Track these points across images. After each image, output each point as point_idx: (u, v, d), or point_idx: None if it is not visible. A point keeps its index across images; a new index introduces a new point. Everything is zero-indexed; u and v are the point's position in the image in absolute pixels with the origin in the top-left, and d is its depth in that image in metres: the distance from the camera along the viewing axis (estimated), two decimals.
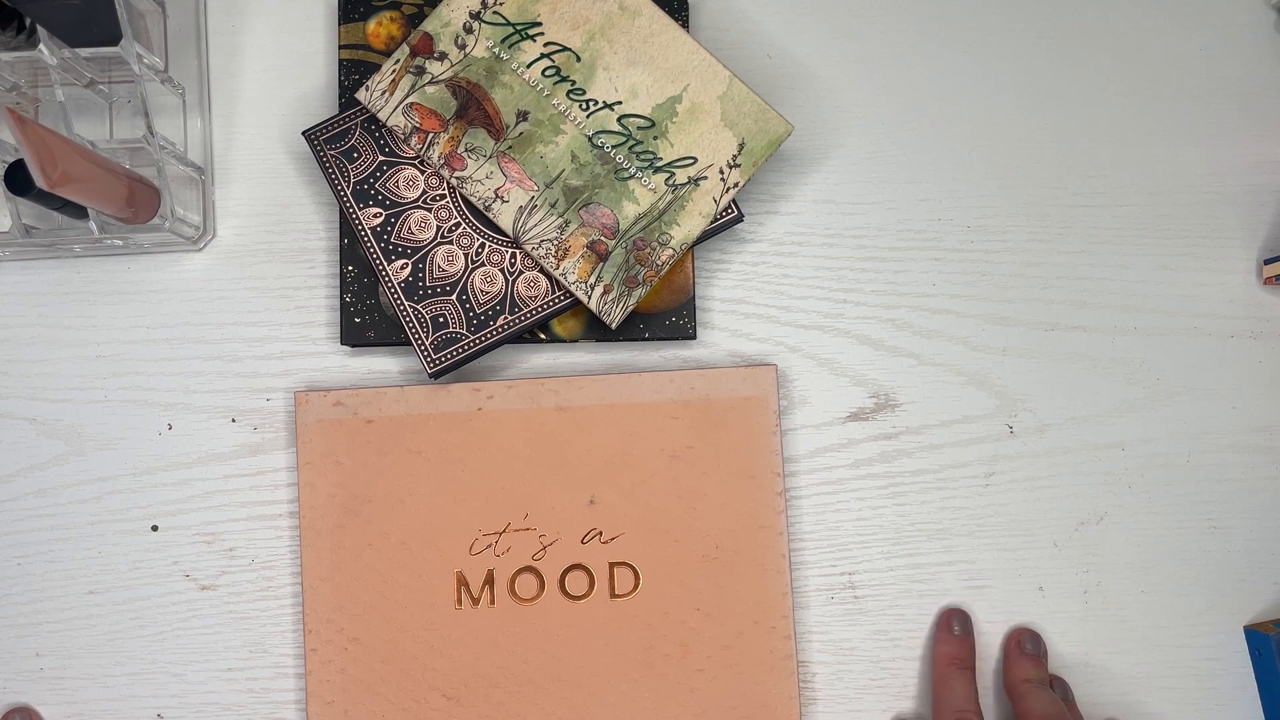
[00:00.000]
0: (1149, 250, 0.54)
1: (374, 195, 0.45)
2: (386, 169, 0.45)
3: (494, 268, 0.42)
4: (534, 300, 0.43)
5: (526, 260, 0.44)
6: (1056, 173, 0.54)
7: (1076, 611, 0.52)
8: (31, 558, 0.51)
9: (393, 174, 0.45)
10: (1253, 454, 0.53)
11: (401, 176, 0.45)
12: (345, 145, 0.45)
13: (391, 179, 0.45)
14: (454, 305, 0.43)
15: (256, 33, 0.54)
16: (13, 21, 0.47)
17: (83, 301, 0.52)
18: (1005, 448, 0.53)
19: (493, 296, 0.43)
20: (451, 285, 0.44)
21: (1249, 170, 0.54)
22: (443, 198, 0.44)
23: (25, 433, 0.52)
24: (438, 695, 0.49)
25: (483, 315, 0.43)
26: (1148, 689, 0.52)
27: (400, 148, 0.45)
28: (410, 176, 0.45)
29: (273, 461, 0.52)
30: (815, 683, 0.51)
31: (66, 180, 0.42)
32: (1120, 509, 0.53)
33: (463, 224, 0.43)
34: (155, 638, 0.51)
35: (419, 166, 0.44)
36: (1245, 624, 0.52)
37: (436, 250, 0.43)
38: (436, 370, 0.45)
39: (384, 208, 0.45)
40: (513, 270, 0.42)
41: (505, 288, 0.43)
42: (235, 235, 0.53)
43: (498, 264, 0.43)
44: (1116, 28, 0.55)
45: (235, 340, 0.52)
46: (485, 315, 0.43)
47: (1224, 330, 0.54)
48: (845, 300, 0.53)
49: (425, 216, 0.44)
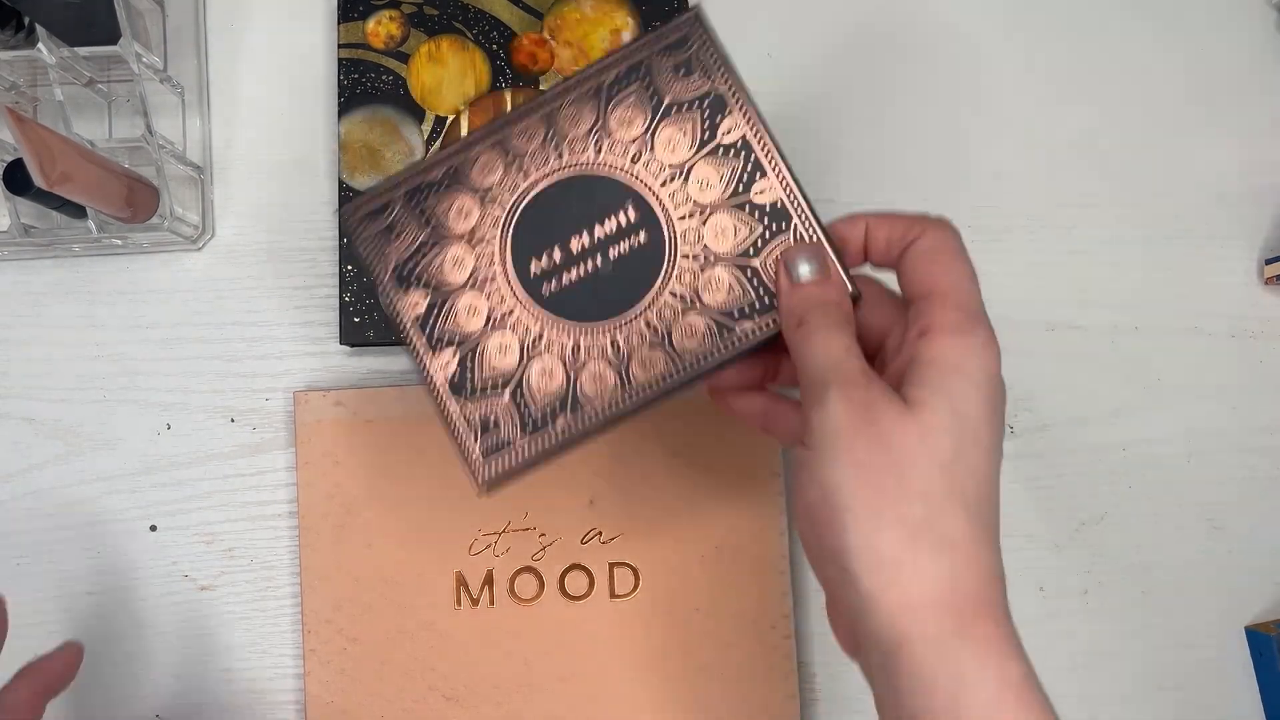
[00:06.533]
0: (1150, 250, 0.54)
1: (416, 278, 0.37)
2: (430, 247, 0.37)
3: (554, 358, 0.36)
4: (599, 398, 0.36)
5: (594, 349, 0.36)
6: (1057, 172, 0.54)
7: (1077, 612, 0.52)
8: (30, 558, 0.51)
9: (438, 252, 0.37)
10: (1254, 454, 0.53)
11: (448, 255, 0.37)
12: (384, 222, 0.38)
13: (437, 259, 0.37)
14: (507, 405, 0.36)
15: (256, 32, 0.54)
16: (11, 20, 0.47)
17: (81, 301, 0.52)
18: (1006, 447, 0.52)
19: (552, 395, 0.36)
20: (504, 380, 0.36)
21: (1250, 170, 0.54)
22: (494, 278, 0.37)
23: (23, 432, 0.51)
24: (437, 695, 0.49)
25: (539, 417, 0.36)
26: (1148, 689, 0.52)
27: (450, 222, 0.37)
28: (457, 256, 0.37)
29: (272, 461, 0.51)
30: (815, 683, 0.51)
31: (65, 179, 0.42)
32: (1121, 509, 0.53)
33: (517, 309, 0.36)
34: (154, 638, 0.51)
35: (469, 242, 0.37)
36: (1246, 624, 0.52)
37: (489, 339, 0.37)
38: (489, 483, 0.37)
39: (429, 290, 0.37)
40: (575, 362, 0.36)
41: (566, 384, 0.36)
42: (234, 235, 0.53)
43: (559, 354, 0.36)
44: (1117, 28, 0.55)
45: (234, 340, 0.52)
46: (543, 416, 0.36)
47: (1225, 330, 0.54)
48: None
49: (474, 301, 0.37)
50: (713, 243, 0.35)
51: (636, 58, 0.36)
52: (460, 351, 0.37)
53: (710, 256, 0.35)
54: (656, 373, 0.35)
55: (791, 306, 0.33)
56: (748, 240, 0.35)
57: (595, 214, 0.36)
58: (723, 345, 0.35)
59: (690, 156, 0.35)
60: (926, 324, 0.31)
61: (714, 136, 0.35)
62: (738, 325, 0.35)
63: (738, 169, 0.35)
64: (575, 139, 0.36)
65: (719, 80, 0.35)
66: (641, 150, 0.36)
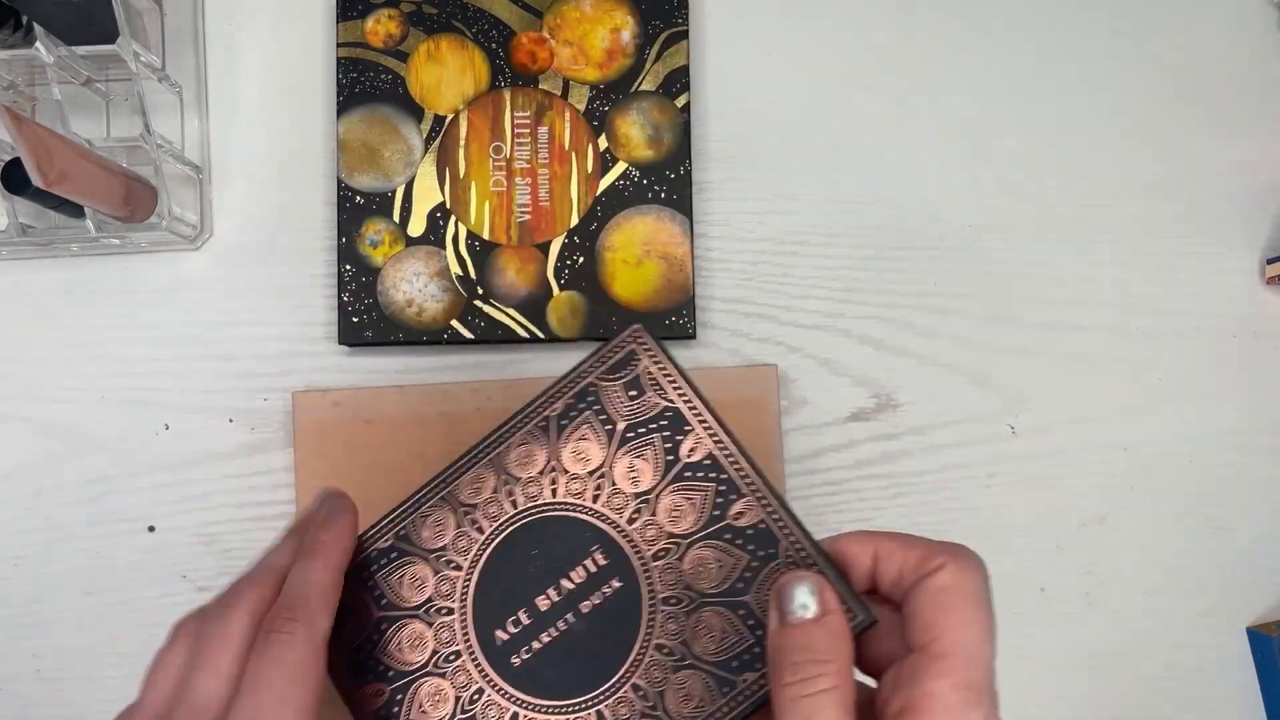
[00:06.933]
0: (1151, 250, 0.54)
1: (371, 666, 0.33)
2: (384, 626, 0.33)
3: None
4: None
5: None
6: (1058, 171, 0.54)
7: (1078, 612, 0.52)
8: (28, 558, 0.51)
9: (394, 632, 0.33)
10: (1255, 454, 0.53)
11: (404, 634, 0.33)
12: None
13: (393, 640, 0.33)
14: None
15: (254, 31, 0.54)
16: (9, 19, 0.47)
17: (79, 301, 0.52)
18: (1007, 448, 0.53)
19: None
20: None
21: (1250, 169, 0.54)
22: (458, 656, 0.32)
23: (21, 432, 0.51)
24: None
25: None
26: (1149, 690, 0.52)
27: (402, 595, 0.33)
28: (415, 633, 0.33)
29: (271, 462, 0.51)
30: None
31: (63, 179, 0.42)
32: (1122, 509, 0.52)
33: (487, 690, 0.31)
34: (153, 639, 0.50)
35: (425, 616, 0.33)
36: (1247, 625, 0.52)
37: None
38: None
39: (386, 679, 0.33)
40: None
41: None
42: (233, 234, 0.53)
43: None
44: (1117, 27, 0.55)
45: (233, 340, 0.52)
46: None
47: (1226, 330, 0.54)
48: (846, 300, 0.53)
49: (439, 685, 0.32)
50: (694, 580, 0.30)
51: (581, 384, 0.33)
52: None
53: (694, 597, 0.30)
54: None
55: (776, 651, 0.27)
56: (734, 572, 0.30)
57: (561, 565, 0.32)
58: (726, 705, 0.29)
59: (655, 484, 0.31)
60: (919, 700, 0.26)
61: (677, 459, 0.31)
62: (739, 678, 0.29)
63: (709, 492, 0.31)
64: (529, 480, 0.33)
65: (673, 395, 0.32)
66: (601, 485, 0.32)
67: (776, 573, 0.30)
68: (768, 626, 0.28)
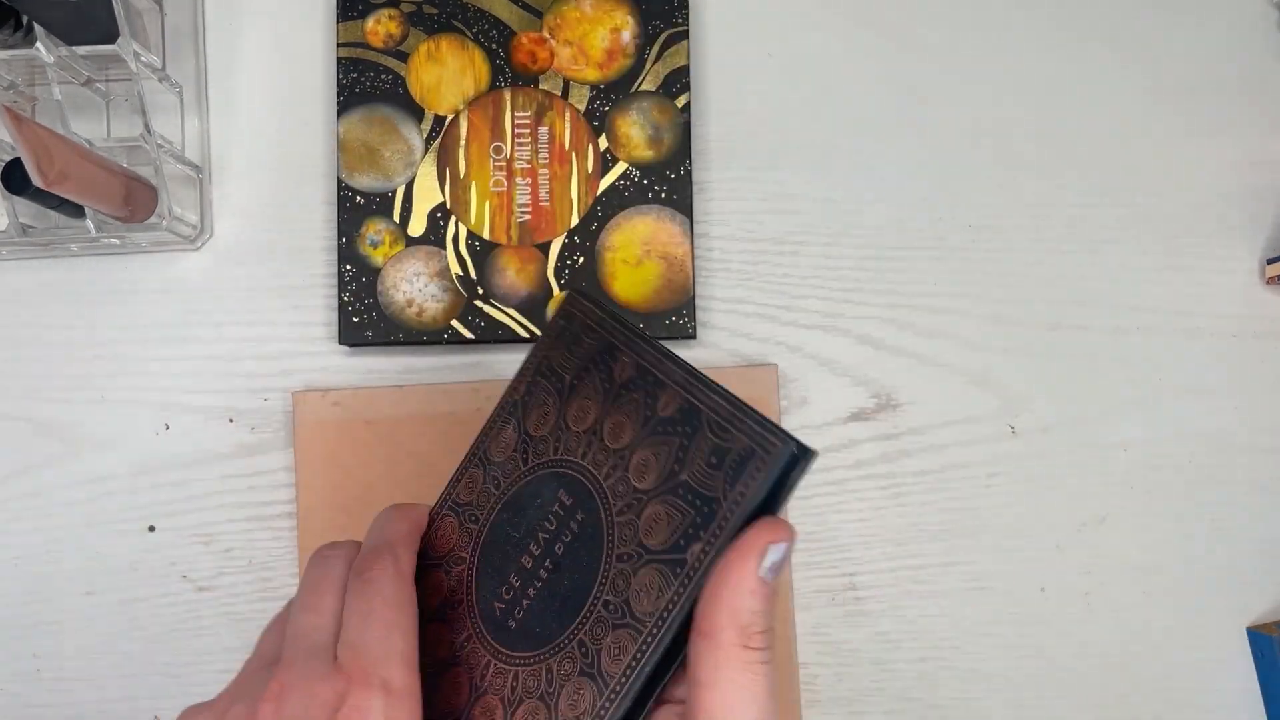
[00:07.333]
0: (1151, 250, 0.54)
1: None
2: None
3: (536, 701, 0.31)
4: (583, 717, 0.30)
5: (564, 668, 0.31)
6: (1058, 172, 0.54)
7: (1078, 613, 0.52)
8: (28, 558, 0.51)
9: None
10: (1255, 454, 0.53)
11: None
12: None
13: None
14: None
15: (254, 30, 0.54)
16: (10, 19, 0.47)
17: (79, 301, 0.52)
18: (1007, 448, 0.53)
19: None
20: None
21: (1251, 169, 0.54)
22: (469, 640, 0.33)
23: (22, 432, 0.51)
24: None
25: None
26: (1149, 690, 0.52)
27: None
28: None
29: (270, 462, 0.51)
30: (816, 684, 0.51)
31: (63, 179, 0.42)
32: (1122, 510, 0.52)
33: (493, 664, 0.32)
34: (152, 639, 0.51)
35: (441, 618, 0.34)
36: (1248, 625, 0.52)
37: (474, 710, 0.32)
38: None
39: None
40: (550, 694, 0.31)
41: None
42: (233, 234, 0.53)
43: (538, 695, 0.31)
44: (1118, 27, 0.55)
45: (233, 340, 0.52)
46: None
47: (1226, 330, 0.54)
48: (846, 300, 0.53)
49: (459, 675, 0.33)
50: (639, 481, 0.31)
51: (536, 360, 0.35)
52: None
53: (640, 497, 0.31)
54: (628, 657, 0.29)
55: (735, 610, 0.27)
56: (669, 460, 0.30)
57: (537, 517, 0.33)
58: (679, 587, 0.29)
59: (599, 415, 0.32)
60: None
61: (613, 385, 0.32)
62: (685, 554, 0.29)
63: (639, 401, 0.32)
64: (505, 461, 0.34)
65: (604, 334, 0.33)
66: (560, 437, 0.33)
67: (704, 442, 0.30)
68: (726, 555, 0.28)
